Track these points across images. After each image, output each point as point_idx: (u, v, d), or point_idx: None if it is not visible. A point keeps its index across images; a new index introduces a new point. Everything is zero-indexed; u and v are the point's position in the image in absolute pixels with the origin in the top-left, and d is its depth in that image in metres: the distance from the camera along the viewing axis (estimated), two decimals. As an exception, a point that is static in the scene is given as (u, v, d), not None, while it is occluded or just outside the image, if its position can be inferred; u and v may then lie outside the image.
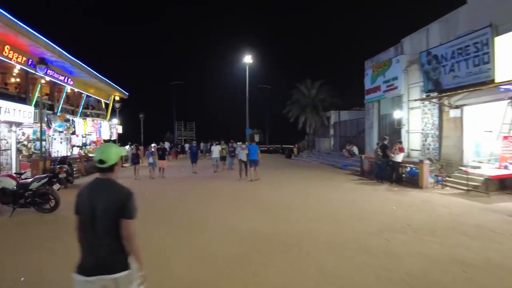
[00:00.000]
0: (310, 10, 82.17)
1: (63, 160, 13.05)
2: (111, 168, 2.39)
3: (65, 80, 19.47)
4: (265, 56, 72.65)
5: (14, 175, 8.83)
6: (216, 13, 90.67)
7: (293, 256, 5.04)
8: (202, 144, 31.33)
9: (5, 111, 13.97)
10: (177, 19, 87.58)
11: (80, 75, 20.17)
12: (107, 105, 29.09)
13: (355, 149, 20.90)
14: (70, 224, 7.46)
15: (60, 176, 12.26)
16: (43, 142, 18.04)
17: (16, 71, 17.13)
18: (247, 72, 32.82)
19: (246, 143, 17.21)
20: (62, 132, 19.66)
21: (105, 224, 2.26)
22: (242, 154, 14.57)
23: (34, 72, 13.29)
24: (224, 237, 6.00)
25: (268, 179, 14.43)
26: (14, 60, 14.15)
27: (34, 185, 7.82)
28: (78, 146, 22.17)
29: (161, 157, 15.59)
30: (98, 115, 27.49)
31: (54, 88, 20.19)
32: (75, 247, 2.34)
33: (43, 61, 12.61)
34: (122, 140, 29.04)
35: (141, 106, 37.85)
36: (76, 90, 23.02)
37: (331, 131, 27.47)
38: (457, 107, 12.93)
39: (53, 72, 17.70)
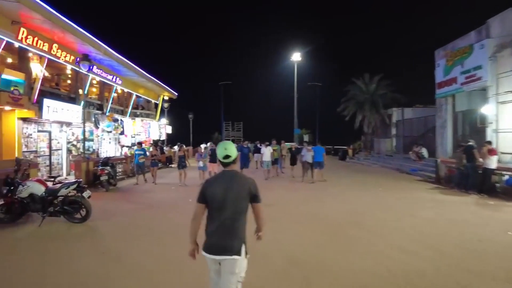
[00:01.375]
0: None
1: (106, 161, 12.37)
2: (234, 161, 2.76)
3: (114, 80, 19.25)
4: (316, 52, 69.34)
5: (48, 178, 8.03)
6: (264, 11, 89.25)
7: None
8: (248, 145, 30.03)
9: (54, 111, 13.74)
10: (224, 19, 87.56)
11: (128, 74, 19.87)
12: (156, 105, 29.08)
13: (424, 151, 18.21)
14: (98, 240, 5.98)
15: (101, 178, 11.56)
16: (90, 142, 17.92)
17: (68, 71, 17.17)
18: (295, 71, 31.29)
19: (317, 144, 15.66)
20: (110, 132, 19.49)
21: (235, 209, 2.60)
22: (308, 155, 13.84)
23: (79, 69, 12.82)
24: (285, 274, 4.38)
25: (328, 187, 12.62)
26: (62, 59, 13.88)
27: (63, 192, 6.88)
28: (127, 146, 22.04)
29: (213, 159, 13.11)
30: (148, 115, 27.46)
31: (104, 88, 20.13)
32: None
33: (86, 57, 12.04)
34: (171, 140, 28.79)
35: (190, 106, 37.71)
36: (125, 90, 22.99)
37: (393, 131, 24.68)
38: None
39: (101, 71, 17.47)
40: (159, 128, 26.50)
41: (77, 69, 15.22)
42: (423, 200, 9.97)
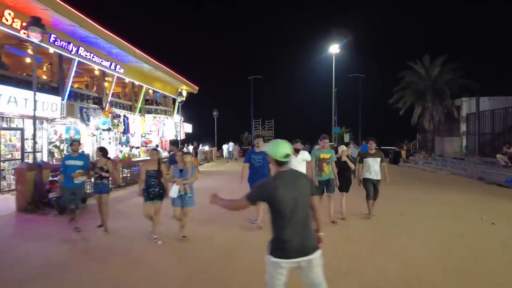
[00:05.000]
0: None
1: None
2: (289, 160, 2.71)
3: (112, 67, 15.81)
4: (358, 40, 62.19)
5: None
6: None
7: None
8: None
9: (11, 101, 10.40)
10: (253, 8, 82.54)
11: (132, 61, 16.42)
12: (175, 101, 25.75)
13: (522, 154, 12.98)
14: None
15: (50, 195, 7.90)
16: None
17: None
18: (333, 64, 27.08)
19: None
20: (109, 130, 16.12)
21: (306, 207, 2.62)
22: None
23: (62, 52, 9.26)
24: None
25: (397, 213, 8.06)
26: (24, 33, 10.49)
27: None
28: (136, 147, 18.69)
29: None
30: (165, 112, 24.10)
31: (103, 78, 16.83)
32: None
33: (37, 21, 8.42)
34: (189, 140, 25.14)
35: (215, 103, 34.24)
36: (137, 83, 19.71)
37: (462, 127, 19.27)
38: None
39: (91, 54, 14.03)
40: (175, 126, 22.99)
41: (61, 52, 11.93)
42: None
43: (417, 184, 13.05)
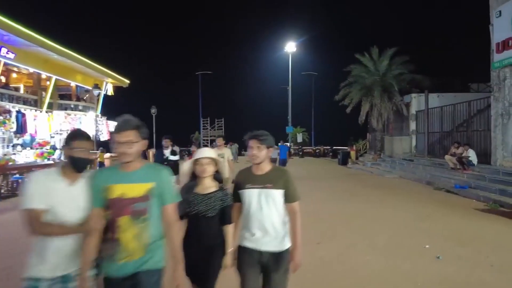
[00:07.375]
0: None
1: None
2: None
3: (-8, 49, 12.57)
4: (312, 37, 61.19)
5: None
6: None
7: None
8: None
9: None
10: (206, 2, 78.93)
11: (15, 40, 13.15)
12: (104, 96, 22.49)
13: (472, 155, 11.50)
14: None
15: None
16: None
17: None
18: (289, 63, 25.42)
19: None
20: (-9, 129, 12.85)
21: None
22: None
23: None
24: None
25: (314, 233, 5.90)
26: None
27: None
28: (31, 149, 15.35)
29: None
30: (88, 109, 20.84)
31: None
32: None
33: None
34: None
35: (155, 100, 31.26)
36: (44, 74, 16.51)
37: (412, 125, 17.97)
38: None
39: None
40: (96, 124, 19.78)
41: None
42: None
43: (355, 191, 11.15)
